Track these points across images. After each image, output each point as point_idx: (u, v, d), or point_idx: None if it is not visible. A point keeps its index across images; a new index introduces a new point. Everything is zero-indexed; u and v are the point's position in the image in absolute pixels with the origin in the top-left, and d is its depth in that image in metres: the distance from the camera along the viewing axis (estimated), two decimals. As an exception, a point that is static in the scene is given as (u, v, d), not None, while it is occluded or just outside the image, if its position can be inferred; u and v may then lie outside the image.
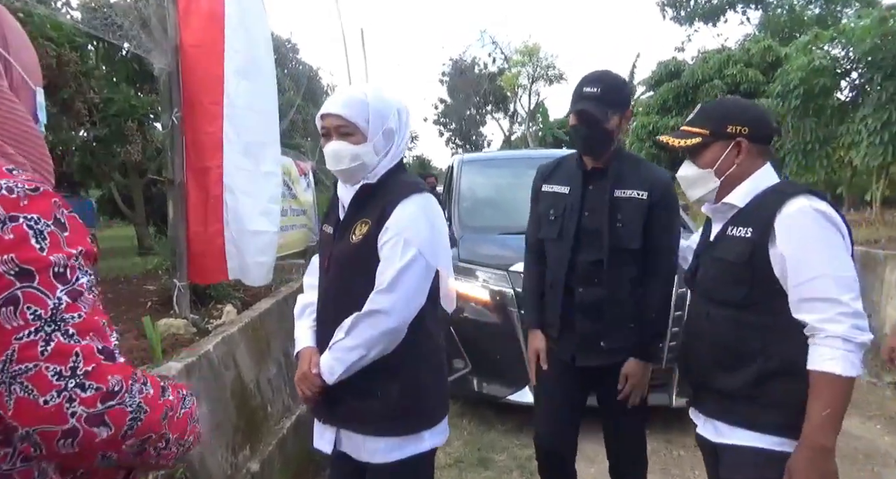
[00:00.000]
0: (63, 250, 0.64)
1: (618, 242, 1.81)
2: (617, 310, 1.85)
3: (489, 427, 3.36)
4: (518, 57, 28.25)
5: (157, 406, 0.68)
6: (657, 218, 1.81)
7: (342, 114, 1.36)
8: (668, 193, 1.83)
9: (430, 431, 1.41)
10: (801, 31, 15.42)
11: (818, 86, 7.90)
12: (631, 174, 1.84)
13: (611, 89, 1.79)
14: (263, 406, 2.53)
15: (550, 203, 1.95)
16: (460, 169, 4.61)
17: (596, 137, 1.82)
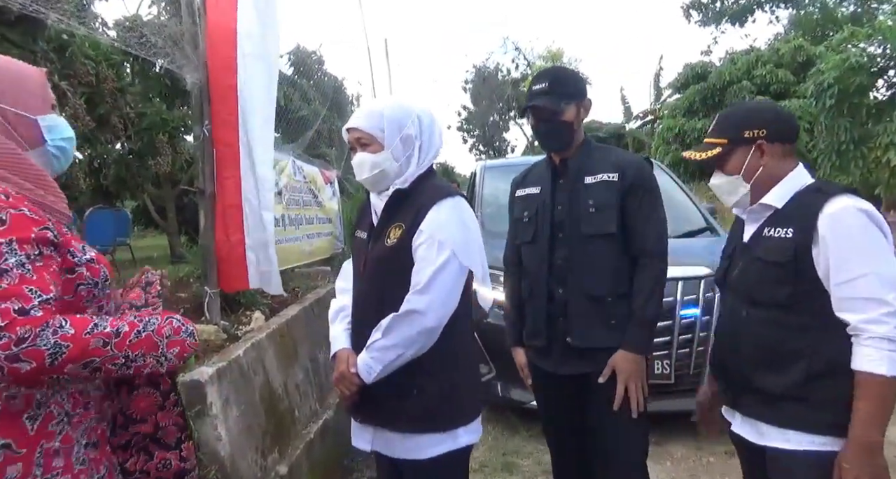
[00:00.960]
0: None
1: (591, 228, 1.74)
2: (596, 304, 1.74)
3: (514, 432, 3.35)
4: (541, 63, 28.21)
5: (80, 340, 0.86)
6: (634, 199, 1.73)
7: (360, 126, 1.44)
8: (641, 173, 1.76)
9: (465, 428, 1.43)
10: (835, 30, 15.00)
11: (853, 84, 7.69)
12: (600, 160, 1.79)
13: (559, 81, 1.78)
14: (291, 411, 2.58)
15: (523, 206, 1.92)
16: (483, 175, 4.64)
17: (555, 130, 1.79)
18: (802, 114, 10.56)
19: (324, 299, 3.55)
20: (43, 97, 1.04)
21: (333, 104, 9.60)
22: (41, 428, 0.91)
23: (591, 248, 1.75)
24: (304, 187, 4.69)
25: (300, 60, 10.65)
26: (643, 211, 1.74)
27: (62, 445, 0.93)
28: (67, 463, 0.93)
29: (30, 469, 0.88)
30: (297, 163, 4.57)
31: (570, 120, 1.77)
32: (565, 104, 1.76)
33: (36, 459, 0.89)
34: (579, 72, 1.99)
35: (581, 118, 1.81)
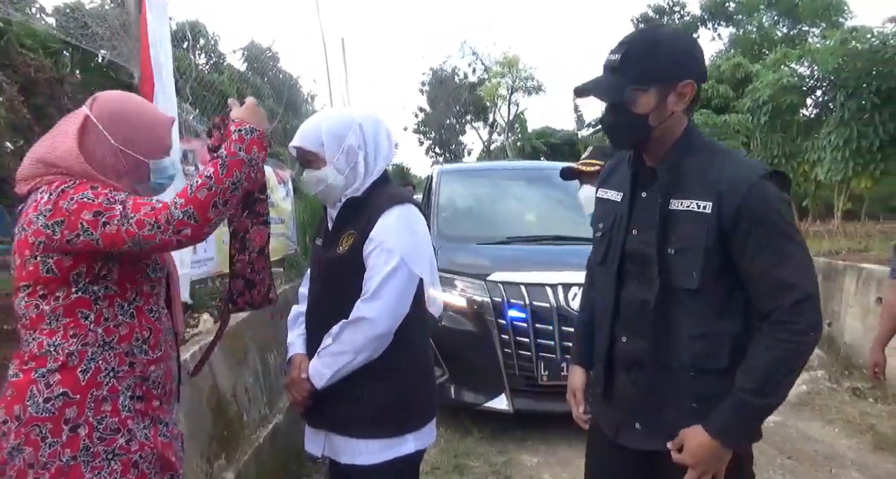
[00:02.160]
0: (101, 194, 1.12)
1: (668, 276, 1.22)
2: (664, 377, 1.26)
3: (466, 434, 3.40)
4: (498, 68, 28.64)
5: (193, 199, 1.11)
6: (739, 239, 1.16)
7: (299, 145, 1.46)
8: (751, 198, 1.15)
9: (414, 433, 1.45)
10: (770, 49, 15.99)
11: (785, 103, 8.22)
12: (696, 176, 1.22)
13: (635, 56, 1.20)
14: (240, 415, 2.53)
15: (600, 214, 1.45)
16: (440, 179, 4.68)
17: (618, 126, 1.28)
18: (741, 128, 11.20)
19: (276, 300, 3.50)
20: (162, 144, 1.27)
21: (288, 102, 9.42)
22: (91, 380, 1.13)
23: (667, 300, 1.24)
24: (257, 187, 4.60)
25: (254, 56, 10.39)
26: (758, 256, 1.16)
27: (109, 393, 1.15)
28: (114, 408, 1.15)
29: (83, 411, 1.12)
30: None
31: (644, 113, 1.21)
32: (636, 90, 1.20)
33: (87, 403, 1.12)
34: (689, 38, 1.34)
35: (668, 110, 1.22)
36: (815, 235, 7.80)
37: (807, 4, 19.56)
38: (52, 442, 1.10)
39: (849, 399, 3.95)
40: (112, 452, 1.14)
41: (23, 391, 1.11)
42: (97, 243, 1.09)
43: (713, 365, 1.21)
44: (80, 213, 1.08)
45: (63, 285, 1.12)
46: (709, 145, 1.29)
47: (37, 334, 1.13)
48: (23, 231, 1.12)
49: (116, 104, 1.22)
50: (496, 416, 3.36)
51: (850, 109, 7.24)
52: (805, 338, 1.14)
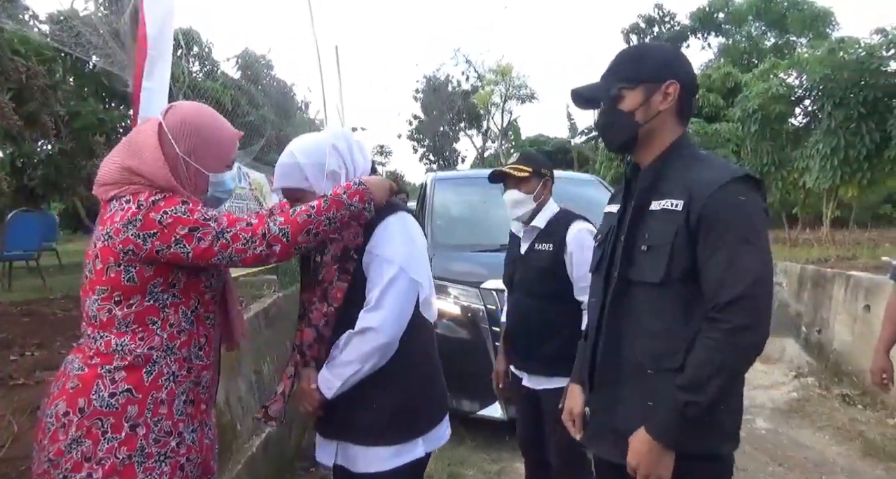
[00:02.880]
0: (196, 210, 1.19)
1: (635, 272, 1.26)
2: (630, 373, 1.27)
3: (459, 442, 3.39)
4: (491, 76, 28.83)
5: (293, 221, 1.23)
6: (702, 237, 1.18)
7: (285, 186, 1.47)
8: (716, 200, 1.17)
9: (424, 437, 1.47)
10: (760, 59, 16.21)
11: (774, 112, 8.34)
12: (676, 178, 1.25)
13: (623, 60, 1.31)
14: (233, 425, 2.52)
15: (600, 226, 1.52)
16: (434, 187, 4.69)
17: (608, 125, 1.33)
18: (731, 136, 11.33)
19: (269, 308, 3.49)
20: (224, 159, 1.31)
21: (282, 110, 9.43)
22: (153, 382, 1.18)
23: (632, 298, 1.27)
24: (250, 195, 4.60)
25: (248, 64, 10.41)
26: (713, 255, 1.17)
27: (167, 397, 1.20)
28: (169, 411, 1.20)
29: (143, 410, 1.16)
30: (242, 169, 4.48)
31: (630, 110, 1.27)
32: (623, 88, 1.27)
33: (148, 404, 1.17)
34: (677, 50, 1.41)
35: (654, 108, 1.26)
36: (805, 243, 7.89)
37: (794, 15, 19.87)
38: (112, 438, 1.14)
39: (839, 406, 3.99)
40: (164, 454, 1.18)
41: (89, 385, 1.15)
42: (187, 257, 1.16)
43: (669, 364, 1.20)
44: (175, 227, 1.14)
45: (138, 293, 1.17)
46: (696, 153, 1.30)
47: (106, 333, 1.18)
48: (108, 239, 1.16)
49: (189, 114, 1.27)
50: (490, 424, 3.36)
51: (838, 119, 7.36)
52: (732, 338, 1.12)
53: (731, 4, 21.70)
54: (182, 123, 1.24)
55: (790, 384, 4.52)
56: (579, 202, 4.33)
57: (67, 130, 6.55)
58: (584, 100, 1.38)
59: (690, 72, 1.32)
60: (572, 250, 2.12)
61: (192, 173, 1.25)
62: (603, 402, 1.34)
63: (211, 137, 1.27)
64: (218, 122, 1.31)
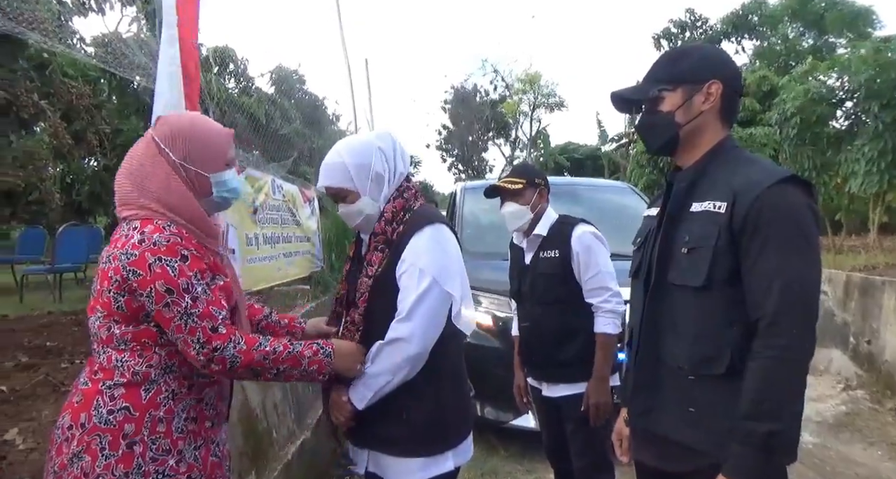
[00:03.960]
0: (185, 274, 1.16)
1: (675, 275, 1.22)
2: (669, 377, 1.23)
3: (492, 453, 3.36)
4: (519, 85, 28.83)
5: (249, 354, 1.20)
6: (749, 241, 1.12)
7: (329, 185, 1.48)
8: (764, 202, 1.11)
9: (453, 450, 1.47)
10: (797, 61, 15.75)
11: (815, 115, 8.06)
12: (718, 179, 1.21)
13: (664, 61, 1.30)
14: (269, 432, 2.56)
15: (640, 230, 1.46)
16: (463, 196, 4.71)
17: (648, 126, 1.31)
18: (768, 141, 10.99)
19: (303, 318, 3.54)
20: (220, 158, 1.31)
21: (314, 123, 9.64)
22: (151, 399, 1.19)
23: (676, 303, 1.23)
24: (283, 206, 4.69)
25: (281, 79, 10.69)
26: (760, 259, 1.11)
27: (165, 415, 1.20)
28: (168, 429, 1.20)
29: (139, 429, 1.16)
30: (276, 182, 4.58)
31: (670, 110, 1.24)
32: (662, 89, 1.25)
33: (145, 421, 1.17)
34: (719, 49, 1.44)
35: (696, 108, 1.23)
36: (851, 250, 7.58)
37: (833, 15, 19.24)
38: (109, 455, 1.14)
39: (892, 420, 3.79)
40: (163, 472, 1.18)
41: (90, 400, 1.17)
42: (149, 312, 1.16)
43: (711, 371, 1.16)
44: (157, 279, 1.14)
45: (132, 319, 1.18)
46: (742, 155, 1.26)
47: (108, 348, 1.20)
48: (108, 262, 1.18)
49: (174, 121, 1.30)
50: (523, 434, 3.32)
51: (885, 121, 7.06)
52: (790, 354, 1.06)
53: (764, 6, 21.18)
54: (171, 130, 1.26)
55: (838, 397, 4.33)
56: (612, 210, 4.29)
57: (111, 146, 6.84)
58: (623, 102, 1.36)
59: (735, 71, 1.28)
60: (578, 251, 2.16)
61: (193, 177, 1.26)
62: (642, 407, 1.30)
63: (202, 138, 1.28)
64: (207, 123, 1.33)
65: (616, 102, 1.36)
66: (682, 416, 1.19)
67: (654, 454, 1.27)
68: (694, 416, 1.17)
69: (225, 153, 1.32)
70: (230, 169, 1.33)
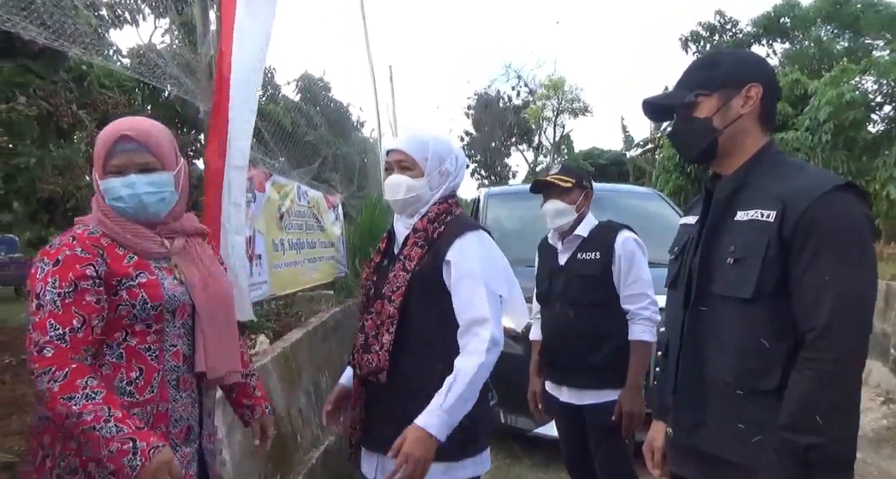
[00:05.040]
0: (45, 279, 1.10)
1: (722, 286, 1.17)
2: (717, 393, 1.18)
3: (516, 461, 3.33)
4: (543, 90, 28.72)
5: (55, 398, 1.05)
6: (800, 250, 1.08)
7: (405, 149, 1.51)
8: (817, 210, 1.07)
9: (472, 459, 1.46)
10: (830, 64, 15.34)
11: (849, 119, 7.84)
12: (764, 186, 1.16)
13: (698, 66, 1.27)
14: (293, 437, 2.58)
15: (678, 238, 1.41)
16: (486, 202, 4.70)
17: (686, 133, 1.27)
18: (800, 146, 10.71)
19: (327, 322, 3.57)
20: (101, 166, 1.22)
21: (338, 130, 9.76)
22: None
23: (722, 314, 1.18)
24: (308, 212, 4.76)
25: (307, 87, 10.88)
26: (812, 269, 1.07)
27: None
28: (79, 448, 1.10)
29: (54, 441, 1.10)
30: (302, 188, 4.65)
31: (707, 116, 1.20)
32: (697, 94, 1.21)
33: (58, 435, 1.10)
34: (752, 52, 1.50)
35: (735, 112, 1.19)
36: (890, 258, 7.31)
37: (870, 17, 18.70)
38: (32, 461, 1.14)
39: (935, 436, 3.63)
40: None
41: (34, 403, 1.18)
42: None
43: (762, 385, 1.11)
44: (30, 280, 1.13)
45: None
46: (788, 161, 1.22)
47: None
48: None
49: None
50: (547, 443, 3.27)
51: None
52: (838, 367, 1.02)
53: (797, 9, 20.71)
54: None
55: (878, 410, 4.16)
56: (639, 216, 4.22)
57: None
58: (656, 110, 1.32)
59: (773, 74, 1.25)
60: (621, 255, 2.13)
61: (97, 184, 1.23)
62: (685, 423, 1.24)
63: (98, 145, 1.22)
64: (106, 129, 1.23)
65: (648, 109, 1.32)
66: (731, 432, 1.14)
67: (698, 469, 1.23)
68: (744, 432, 1.12)
69: (100, 159, 1.21)
70: (119, 178, 1.19)
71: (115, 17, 4.81)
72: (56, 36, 2.32)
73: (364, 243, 5.61)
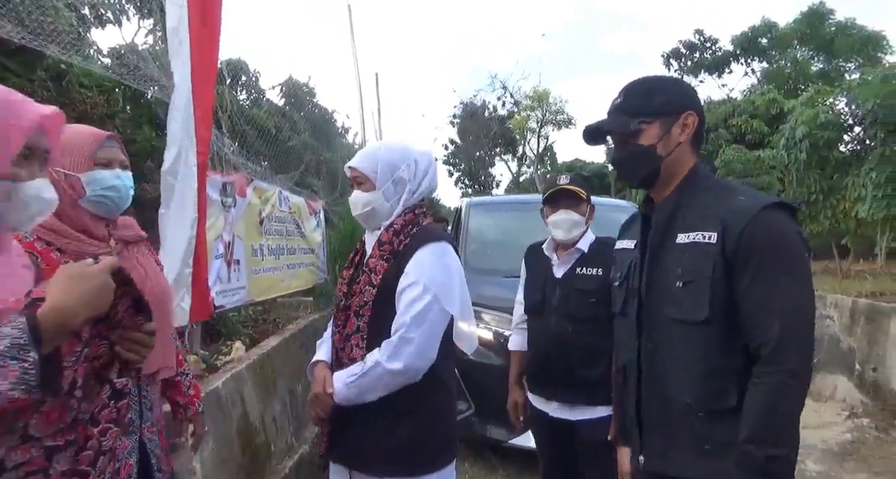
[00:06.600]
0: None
1: (675, 310, 1.20)
2: (680, 416, 1.20)
3: (491, 471, 3.33)
4: (528, 102, 29.01)
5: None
6: (743, 271, 1.13)
7: (355, 166, 1.53)
8: (756, 230, 1.13)
9: (436, 474, 1.45)
10: (806, 84, 15.80)
11: (823, 139, 8.07)
12: (702, 209, 1.21)
13: (635, 94, 1.29)
14: (267, 445, 2.55)
15: (618, 264, 1.46)
16: (468, 212, 4.72)
17: (626, 159, 1.31)
18: (776, 163, 10.99)
19: (305, 329, 3.55)
20: (87, 158, 1.27)
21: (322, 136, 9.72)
22: None
23: (677, 337, 1.21)
24: (289, 218, 4.73)
25: (291, 91, 10.83)
26: (756, 286, 1.12)
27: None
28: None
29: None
30: (283, 193, 4.63)
31: (651, 143, 1.25)
32: (639, 122, 1.25)
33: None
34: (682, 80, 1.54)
35: (675, 140, 1.25)
36: (858, 275, 7.53)
37: (843, 40, 19.33)
38: None
39: (898, 450, 3.73)
40: None
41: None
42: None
43: (723, 405, 1.14)
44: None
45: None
46: (721, 183, 1.29)
47: None
48: None
49: None
50: (523, 453, 3.29)
51: (892, 147, 7.07)
52: (793, 380, 1.07)
53: (774, 29, 21.31)
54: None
55: (843, 425, 4.26)
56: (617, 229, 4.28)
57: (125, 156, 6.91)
58: (595, 136, 1.35)
59: (699, 101, 1.32)
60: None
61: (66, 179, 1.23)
62: (658, 448, 1.25)
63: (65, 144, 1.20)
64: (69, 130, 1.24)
65: (589, 135, 1.34)
66: (699, 455, 1.16)
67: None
68: (710, 453, 1.15)
69: (89, 153, 1.28)
70: (109, 169, 1.29)
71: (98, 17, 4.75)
72: (34, 35, 2.29)
73: (345, 249, 5.60)
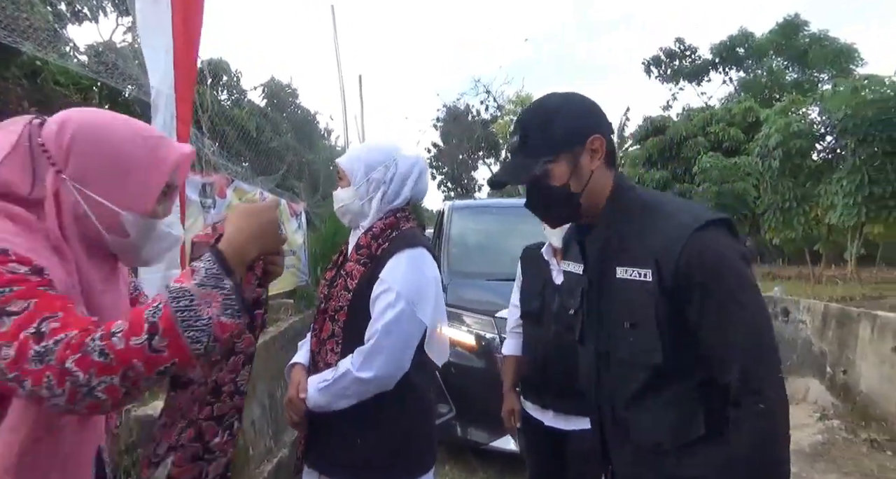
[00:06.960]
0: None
1: (628, 353, 1.12)
2: (650, 456, 1.14)
3: (471, 474, 3.34)
4: (511, 106, 29.21)
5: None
6: (691, 307, 1.04)
7: (339, 162, 1.54)
8: (686, 261, 1.03)
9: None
10: (781, 94, 16.22)
11: (795, 147, 8.29)
12: (635, 239, 1.11)
13: (532, 128, 1.16)
14: (245, 449, 2.53)
15: (569, 288, 1.35)
16: (451, 215, 4.74)
17: (546, 204, 1.20)
18: (751, 170, 11.26)
19: (286, 332, 3.52)
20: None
21: (305, 137, 9.66)
22: None
23: (635, 378, 1.13)
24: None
25: (273, 92, 10.75)
26: (708, 316, 1.04)
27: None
28: None
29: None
30: (264, 194, 4.60)
31: (562, 183, 1.13)
32: (546, 163, 1.13)
33: None
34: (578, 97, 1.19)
35: (586, 170, 1.13)
36: (829, 281, 7.73)
37: (817, 51, 19.87)
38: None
39: (866, 451, 3.83)
40: None
41: None
42: None
43: (691, 436, 1.07)
44: None
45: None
46: (645, 203, 1.15)
47: None
48: None
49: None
50: (503, 456, 3.30)
51: (862, 157, 7.30)
52: (770, 421, 1.00)
53: (751, 39, 21.82)
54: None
55: (814, 426, 4.37)
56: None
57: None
58: (503, 184, 1.28)
59: (603, 115, 1.18)
60: None
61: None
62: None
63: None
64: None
65: (496, 185, 1.26)
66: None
67: None
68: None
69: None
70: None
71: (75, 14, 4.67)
72: (8, 31, 2.24)
73: (327, 252, 5.57)
